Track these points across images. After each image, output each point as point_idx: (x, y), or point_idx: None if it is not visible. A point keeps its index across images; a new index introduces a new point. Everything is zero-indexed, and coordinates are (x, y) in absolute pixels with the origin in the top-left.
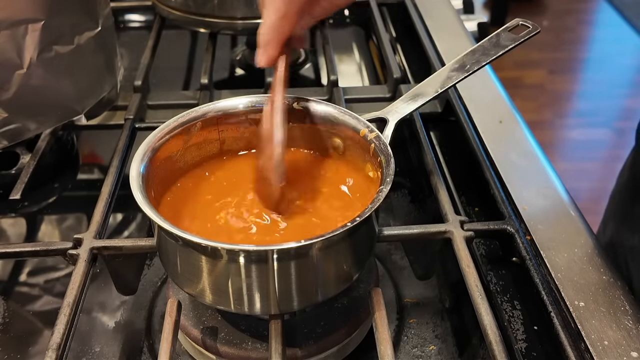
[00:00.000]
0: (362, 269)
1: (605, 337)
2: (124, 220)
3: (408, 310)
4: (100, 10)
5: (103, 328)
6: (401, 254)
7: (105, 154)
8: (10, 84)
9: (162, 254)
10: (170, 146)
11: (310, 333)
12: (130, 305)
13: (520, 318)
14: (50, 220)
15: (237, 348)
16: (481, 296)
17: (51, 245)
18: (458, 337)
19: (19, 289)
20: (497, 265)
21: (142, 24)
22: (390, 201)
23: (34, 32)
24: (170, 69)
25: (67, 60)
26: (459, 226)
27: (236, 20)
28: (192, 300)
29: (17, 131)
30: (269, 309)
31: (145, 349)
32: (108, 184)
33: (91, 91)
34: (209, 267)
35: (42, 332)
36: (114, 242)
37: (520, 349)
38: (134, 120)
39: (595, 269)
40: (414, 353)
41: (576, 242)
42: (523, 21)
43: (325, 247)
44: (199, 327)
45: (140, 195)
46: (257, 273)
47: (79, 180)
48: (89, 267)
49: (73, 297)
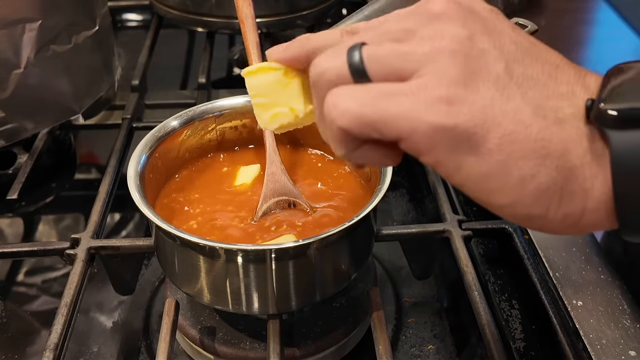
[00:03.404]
0: (360, 268)
1: (603, 336)
2: (122, 220)
3: (406, 310)
4: (97, 10)
5: (101, 328)
6: (399, 254)
7: (102, 154)
8: (7, 84)
9: (159, 254)
10: (167, 146)
11: (308, 333)
12: (128, 305)
13: (519, 317)
14: (48, 220)
15: (235, 348)
16: (479, 295)
17: (49, 245)
18: (456, 337)
19: (16, 289)
20: (495, 265)
21: (140, 23)
22: (388, 200)
23: (31, 32)
24: (168, 68)
25: (65, 59)
26: (457, 225)
27: (234, 20)
28: (190, 300)
29: (14, 131)
30: (267, 309)
31: (143, 349)
32: (105, 184)
33: (88, 90)
34: (207, 266)
35: (39, 332)
36: (111, 242)
37: (518, 348)
38: (132, 119)
39: (594, 268)
40: (412, 352)
41: (574, 241)
42: (521, 20)
43: (323, 246)
44: (196, 327)
45: (137, 195)
46: (255, 273)
47: (76, 180)
48: (86, 267)
49: (70, 297)
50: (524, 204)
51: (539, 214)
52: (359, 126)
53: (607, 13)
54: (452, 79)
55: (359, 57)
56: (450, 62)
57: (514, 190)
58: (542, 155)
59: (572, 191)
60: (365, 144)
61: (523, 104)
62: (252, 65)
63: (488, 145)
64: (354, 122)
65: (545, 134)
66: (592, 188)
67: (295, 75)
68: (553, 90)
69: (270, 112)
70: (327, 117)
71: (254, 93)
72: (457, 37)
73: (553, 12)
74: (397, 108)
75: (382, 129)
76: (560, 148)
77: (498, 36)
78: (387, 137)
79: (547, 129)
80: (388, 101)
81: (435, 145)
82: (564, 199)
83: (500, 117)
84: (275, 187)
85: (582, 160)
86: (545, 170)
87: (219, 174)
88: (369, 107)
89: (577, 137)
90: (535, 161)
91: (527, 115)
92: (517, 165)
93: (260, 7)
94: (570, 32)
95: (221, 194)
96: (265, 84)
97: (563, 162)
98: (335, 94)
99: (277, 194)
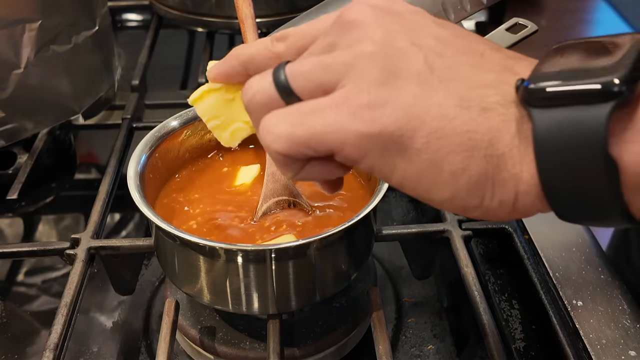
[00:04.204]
0: (360, 268)
1: (603, 336)
2: (122, 220)
3: (406, 310)
4: (97, 10)
5: (101, 328)
6: (399, 253)
7: (102, 154)
8: (7, 84)
9: (159, 254)
10: (167, 146)
11: (308, 333)
12: (127, 305)
13: (519, 317)
14: (48, 220)
15: (235, 348)
16: (479, 295)
17: (48, 245)
18: (456, 337)
19: (16, 289)
20: (495, 265)
21: (140, 23)
22: (388, 200)
23: (31, 32)
24: (168, 68)
25: (65, 59)
26: (457, 225)
27: (234, 20)
28: (190, 300)
29: (14, 131)
30: (267, 309)
31: (143, 349)
32: (105, 184)
33: (88, 90)
34: (207, 266)
35: (39, 332)
36: (111, 242)
37: (518, 348)
38: (132, 119)
39: (594, 268)
40: (412, 352)
41: (574, 241)
42: (521, 20)
43: (323, 246)
44: (196, 327)
45: (137, 195)
46: (255, 272)
47: (76, 180)
48: (86, 267)
49: (70, 297)
50: (460, 197)
51: (475, 204)
52: (294, 147)
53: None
54: (372, 82)
55: (284, 77)
56: (369, 66)
57: (448, 186)
58: (469, 147)
59: (503, 178)
60: (309, 162)
61: (446, 97)
62: (195, 92)
63: (416, 145)
64: (288, 145)
65: (471, 126)
66: (522, 172)
67: (237, 89)
68: (477, 80)
69: (228, 131)
70: (263, 143)
71: (206, 118)
72: (373, 40)
73: (553, 12)
74: (323, 123)
75: (314, 147)
76: (487, 138)
77: (417, 32)
78: (321, 153)
79: (473, 120)
80: (315, 118)
81: (366, 153)
82: (497, 186)
83: (424, 114)
84: (275, 187)
85: (511, 145)
86: (475, 161)
87: (219, 174)
88: (298, 127)
89: (504, 124)
90: (464, 154)
91: (451, 109)
92: (446, 160)
93: (260, 7)
94: (570, 32)
95: (221, 194)
96: (212, 106)
97: (491, 151)
98: (267, 119)
99: (277, 194)
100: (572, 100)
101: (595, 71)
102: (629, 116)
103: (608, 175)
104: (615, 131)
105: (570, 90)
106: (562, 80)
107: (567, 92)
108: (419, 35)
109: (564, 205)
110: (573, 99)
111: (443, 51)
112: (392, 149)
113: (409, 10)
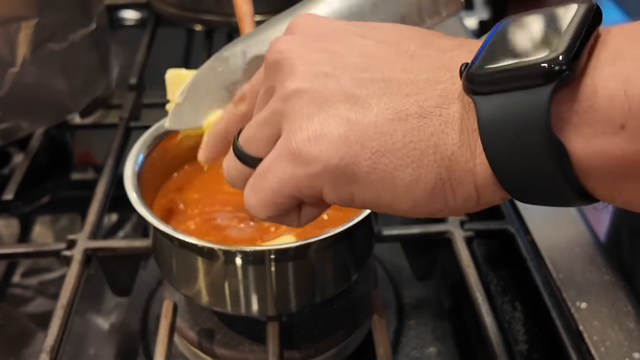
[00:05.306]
0: (361, 269)
1: (607, 339)
2: (119, 221)
3: (407, 312)
4: (94, 8)
5: (98, 330)
6: (400, 255)
7: (99, 154)
8: (3, 82)
9: (157, 255)
10: (165, 145)
11: (308, 335)
12: (125, 307)
13: (521, 319)
14: (44, 220)
15: (234, 350)
16: (481, 297)
17: (45, 247)
18: (458, 339)
19: (12, 290)
20: (497, 266)
21: (137, 22)
22: None
23: (27, 30)
24: (166, 67)
25: (61, 58)
26: (459, 226)
27: (232, 18)
28: (188, 301)
29: (9, 130)
30: (266, 311)
31: (140, 352)
32: (102, 184)
33: (85, 89)
34: (206, 268)
35: (35, 334)
36: (108, 243)
37: (521, 350)
38: (129, 119)
39: (597, 269)
40: (413, 355)
41: (577, 241)
42: None
43: (323, 247)
44: (195, 329)
45: (134, 195)
46: (254, 274)
47: (73, 180)
48: (83, 269)
49: (67, 299)
50: (422, 205)
51: (440, 207)
52: (271, 209)
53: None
54: (304, 119)
55: (239, 147)
56: (298, 104)
57: (406, 197)
58: (416, 157)
59: (459, 176)
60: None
61: (380, 114)
62: None
63: (363, 169)
64: (265, 210)
65: (412, 136)
66: (475, 165)
67: None
68: (411, 86)
69: None
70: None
71: None
72: (296, 77)
73: None
74: (275, 179)
75: (282, 201)
76: (432, 143)
77: (340, 53)
78: (290, 204)
79: (412, 129)
80: (269, 177)
81: (321, 189)
82: (456, 186)
83: (362, 137)
84: None
85: (459, 143)
86: (426, 169)
87: (218, 174)
88: (261, 192)
89: (446, 125)
90: (412, 165)
91: (387, 124)
92: (397, 176)
93: (259, 5)
94: None
95: (220, 194)
96: None
97: (440, 154)
98: (245, 194)
99: None
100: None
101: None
102: (573, 96)
103: (557, 159)
104: (561, 113)
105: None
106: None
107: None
108: (343, 55)
109: (519, 191)
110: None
111: (369, 65)
112: (341, 179)
113: (331, 30)
